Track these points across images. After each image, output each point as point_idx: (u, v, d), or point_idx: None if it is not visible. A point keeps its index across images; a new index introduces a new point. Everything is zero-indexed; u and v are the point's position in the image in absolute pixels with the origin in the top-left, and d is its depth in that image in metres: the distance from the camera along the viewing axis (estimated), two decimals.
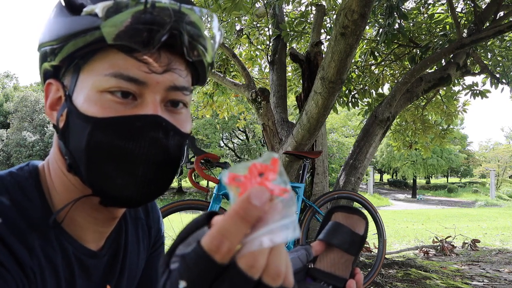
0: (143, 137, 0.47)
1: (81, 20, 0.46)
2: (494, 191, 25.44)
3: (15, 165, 13.12)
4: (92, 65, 0.48)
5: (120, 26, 0.44)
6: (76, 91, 0.49)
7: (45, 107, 0.54)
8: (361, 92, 4.64)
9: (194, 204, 2.41)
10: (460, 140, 32.50)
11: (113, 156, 0.47)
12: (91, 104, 0.47)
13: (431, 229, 7.14)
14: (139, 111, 0.48)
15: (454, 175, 45.15)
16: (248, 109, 10.80)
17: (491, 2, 3.66)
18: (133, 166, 0.48)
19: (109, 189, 0.49)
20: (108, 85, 0.47)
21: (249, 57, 4.92)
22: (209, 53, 0.52)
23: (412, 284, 3.07)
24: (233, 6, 2.77)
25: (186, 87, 0.52)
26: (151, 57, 0.47)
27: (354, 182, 3.52)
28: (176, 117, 0.52)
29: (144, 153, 0.48)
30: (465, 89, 4.73)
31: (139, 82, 0.47)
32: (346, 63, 2.22)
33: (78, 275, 0.55)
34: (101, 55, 0.48)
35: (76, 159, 0.49)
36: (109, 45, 0.46)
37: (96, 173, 0.48)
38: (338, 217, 0.56)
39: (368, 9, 2.01)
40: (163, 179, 0.51)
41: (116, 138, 0.47)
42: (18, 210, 0.49)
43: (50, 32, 0.50)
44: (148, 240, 0.70)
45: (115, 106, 0.47)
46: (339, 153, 25.40)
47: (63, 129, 0.51)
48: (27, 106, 25.36)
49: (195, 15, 0.48)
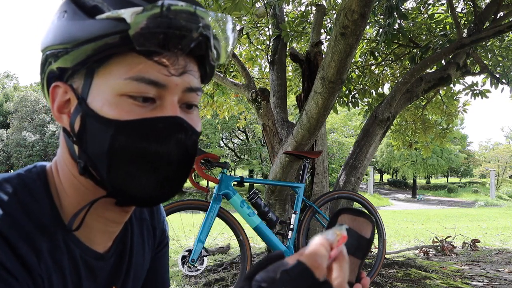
0: (167, 138, 0.49)
1: (101, 24, 0.46)
2: (494, 191, 25.44)
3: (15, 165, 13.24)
4: (109, 69, 0.48)
5: (136, 29, 0.45)
6: (92, 95, 0.49)
7: (53, 110, 0.54)
8: (361, 92, 4.64)
9: (194, 204, 2.41)
10: (460, 140, 32.49)
11: (137, 158, 0.48)
12: (112, 108, 0.48)
13: (431, 229, 7.14)
14: (159, 113, 0.49)
15: (454, 175, 45.15)
16: (248, 109, 10.80)
17: (491, 2, 3.66)
18: (157, 167, 0.49)
19: (132, 189, 0.50)
20: (128, 88, 0.47)
21: (249, 57, 4.92)
22: (222, 55, 0.53)
23: (412, 284, 3.07)
24: (233, 6, 2.77)
25: (199, 88, 0.53)
26: (169, 60, 0.48)
27: (354, 182, 3.52)
28: (190, 117, 0.53)
29: (168, 153, 0.49)
30: (465, 89, 4.73)
31: (159, 85, 0.48)
32: (346, 63, 2.22)
33: (84, 277, 0.55)
34: (118, 58, 0.48)
35: (96, 162, 0.50)
36: (128, 49, 0.46)
37: (120, 174, 0.49)
38: (345, 219, 0.55)
39: (368, 9, 2.01)
40: (182, 177, 0.53)
41: (139, 140, 0.48)
42: (26, 212, 0.49)
43: (61, 35, 0.49)
44: (153, 240, 0.71)
45: (136, 109, 0.48)
46: (339, 153, 25.39)
47: (79, 133, 0.50)
48: (27, 106, 25.36)
49: (209, 17, 0.49)
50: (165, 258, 0.75)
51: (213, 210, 2.35)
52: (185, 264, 2.30)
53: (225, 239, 5.07)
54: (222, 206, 2.40)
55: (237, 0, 2.75)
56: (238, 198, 2.42)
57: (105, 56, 0.48)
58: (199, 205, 2.39)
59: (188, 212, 2.58)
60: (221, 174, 2.42)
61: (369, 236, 0.54)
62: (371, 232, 0.55)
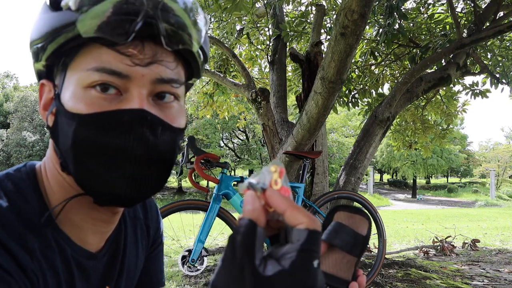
0: (128, 132, 0.46)
1: (60, 16, 0.45)
2: (494, 191, 25.44)
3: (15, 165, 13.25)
4: (78, 62, 0.47)
5: (102, 17, 0.43)
6: (64, 89, 0.49)
7: (39, 107, 0.54)
8: (361, 92, 4.64)
9: (194, 204, 2.41)
10: (460, 140, 32.49)
11: (99, 153, 0.46)
12: (77, 101, 0.47)
13: (431, 229, 7.14)
14: (124, 106, 0.46)
15: (454, 175, 45.15)
16: (248, 109, 10.80)
17: (491, 2, 3.66)
18: (120, 163, 0.46)
19: (99, 187, 0.48)
20: (91, 80, 0.46)
21: (249, 57, 4.92)
22: (194, 40, 0.49)
23: (412, 284, 3.07)
24: (234, 6, 2.77)
25: (175, 79, 0.50)
26: (134, 49, 0.46)
27: (354, 182, 3.52)
28: (166, 112, 0.50)
29: (130, 149, 0.46)
30: (465, 89, 4.73)
31: (122, 76, 0.46)
32: (346, 63, 2.22)
33: (77, 277, 0.54)
34: (85, 51, 0.46)
35: (65, 157, 0.49)
36: (91, 40, 0.45)
37: (84, 171, 0.47)
38: (341, 217, 0.55)
39: (368, 9, 2.01)
40: (156, 176, 0.49)
41: (100, 134, 0.46)
42: (16, 213, 0.48)
43: (36, 30, 0.49)
44: (146, 240, 0.70)
45: (100, 102, 0.46)
46: (339, 153, 25.39)
47: (53, 128, 0.51)
48: (27, 106, 25.36)
49: (175, 4, 0.47)
50: (159, 257, 0.75)
51: (213, 210, 2.35)
52: (185, 264, 2.30)
53: (225, 239, 5.07)
54: (222, 206, 2.40)
55: (237, 0, 2.75)
56: (238, 198, 2.42)
57: (73, 48, 0.46)
58: (199, 205, 2.39)
59: (188, 212, 2.58)
60: (221, 174, 2.42)
61: (365, 234, 0.53)
62: (367, 229, 0.54)
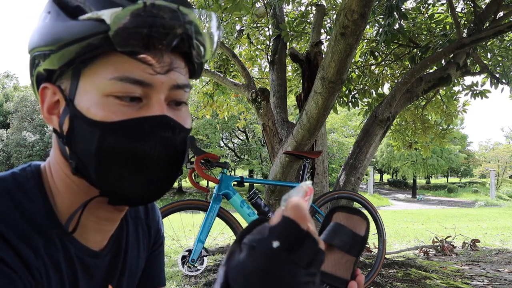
0: (154, 138, 0.49)
1: (83, 25, 0.46)
2: (494, 191, 25.44)
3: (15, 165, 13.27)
4: (94, 69, 0.48)
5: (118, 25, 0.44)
6: (79, 95, 0.49)
7: (42, 111, 0.54)
8: (361, 92, 4.64)
9: (194, 204, 2.41)
10: (460, 140, 32.49)
11: (125, 159, 0.48)
12: (98, 109, 0.48)
13: (431, 229, 7.14)
14: (146, 113, 0.49)
15: (454, 175, 45.15)
16: (248, 109, 10.80)
17: (491, 2, 3.66)
18: (146, 166, 0.49)
19: (121, 190, 0.50)
20: (114, 89, 0.47)
21: (249, 57, 4.92)
22: (207, 51, 0.53)
23: (412, 284, 3.07)
24: (234, 6, 2.77)
25: (187, 84, 0.53)
26: (154, 58, 0.48)
27: (354, 182, 3.52)
28: (178, 114, 0.53)
29: (156, 153, 0.49)
30: (465, 89, 4.73)
31: (145, 84, 0.48)
32: (346, 63, 2.22)
33: (80, 275, 0.55)
34: (103, 59, 0.48)
35: (85, 162, 0.50)
36: (112, 49, 0.46)
37: (109, 175, 0.49)
38: (339, 217, 0.55)
39: (368, 9, 2.01)
40: (172, 176, 0.53)
41: (127, 141, 0.48)
42: (20, 212, 0.49)
43: (46, 36, 0.49)
44: (147, 240, 0.71)
45: (122, 109, 0.48)
46: (339, 153, 25.39)
47: (69, 134, 0.51)
48: (27, 106, 25.36)
49: (193, 14, 0.49)
50: (161, 257, 0.75)
51: (213, 210, 2.35)
52: (185, 264, 2.30)
53: (225, 239, 5.07)
54: (222, 206, 2.40)
55: (237, 0, 2.75)
56: (238, 198, 2.42)
57: (89, 57, 0.47)
58: (199, 205, 2.39)
59: (188, 212, 2.58)
60: (221, 174, 2.42)
61: (363, 234, 0.54)
62: (365, 230, 0.55)
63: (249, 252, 0.33)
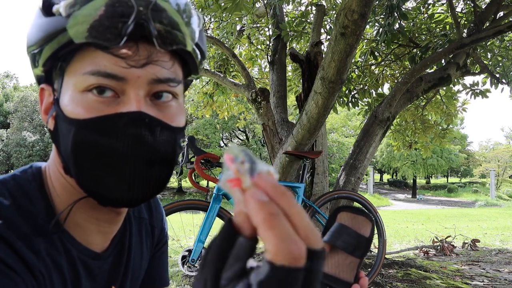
0: (126, 135, 0.46)
1: (52, 21, 0.45)
2: (494, 191, 25.43)
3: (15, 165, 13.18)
4: (74, 66, 0.47)
5: (94, 17, 0.43)
6: (62, 94, 0.49)
7: (41, 112, 0.54)
8: (361, 92, 4.64)
9: (194, 204, 2.41)
10: (460, 140, 32.50)
11: (99, 157, 0.46)
12: (75, 106, 0.47)
13: (431, 229, 7.14)
14: (121, 109, 0.46)
15: (454, 175, 45.14)
16: (248, 109, 10.79)
17: (491, 2, 3.66)
18: (120, 166, 0.47)
19: (100, 190, 0.48)
20: (87, 83, 0.46)
21: (249, 57, 4.92)
22: (188, 39, 0.49)
23: (412, 284, 3.07)
24: (234, 6, 2.77)
25: (172, 78, 0.49)
26: (129, 51, 0.45)
27: (354, 182, 3.52)
28: (165, 111, 0.50)
29: (129, 151, 0.46)
30: (465, 89, 4.73)
31: (118, 78, 0.46)
32: (346, 63, 2.22)
33: (83, 277, 0.54)
34: (80, 55, 0.46)
35: (66, 161, 0.49)
36: (85, 44, 0.44)
37: (85, 174, 0.48)
38: (343, 218, 0.55)
39: (368, 9, 2.01)
40: (157, 177, 0.49)
41: (99, 138, 0.46)
42: (22, 214, 0.49)
43: (31, 35, 0.49)
44: (151, 240, 0.70)
45: (98, 106, 0.46)
46: (339, 153, 25.38)
47: (54, 133, 0.51)
48: (27, 106, 25.35)
49: (167, 4, 0.46)
50: (164, 257, 0.75)
51: (213, 210, 2.35)
52: (185, 264, 2.30)
53: None
54: (222, 206, 2.40)
55: (237, 0, 2.75)
56: None
57: (68, 53, 0.46)
58: (199, 205, 2.39)
59: (188, 212, 2.57)
60: (221, 174, 2.42)
61: (368, 235, 0.53)
62: (370, 231, 0.54)
63: None
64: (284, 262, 0.24)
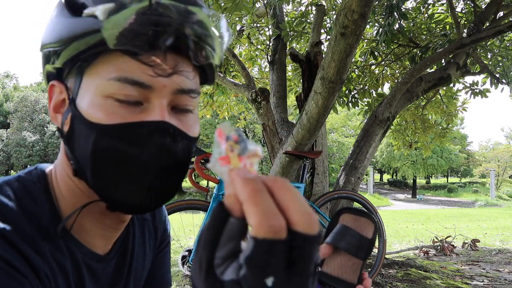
0: (150, 144, 0.46)
1: (82, 22, 0.45)
2: (494, 191, 25.43)
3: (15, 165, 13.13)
4: (96, 68, 0.46)
5: (123, 25, 0.42)
6: (80, 95, 0.48)
7: (49, 109, 0.53)
8: (361, 92, 4.64)
9: (194, 204, 2.41)
10: (460, 140, 32.52)
11: (119, 164, 0.46)
12: (96, 110, 0.46)
13: (431, 229, 7.14)
14: (145, 117, 0.46)
15: (454, 175, 45.15)
16: (248, 109, 10.79)
17: (491, 2, 3.66)
18: (140, 173, 0.47)
19: (116, 195, 0.48)
20: (112, 90, 0.45)
21: (249, 57, 4.92)
22: (217, 54, 0.49)
23: (412, 284, 3.07)
24: (234, 6, 2.77)
25: (194, 90, 0.49)
26: (157, 59, 0.45)
27: (354, 182, 3.52)
28: (183, 121, 0.50)
29: (151, 160, 0.46)
30: (465, 88, 4.73)
31: (144, 86, 0.45)
32: (346, 63, 2.22)
33: (87, 279, 0.54)
34: (104, 58, 0.46)
35: (82, 165, 0.49)
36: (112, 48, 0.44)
37: (102, 180, 0.47)
38: (346, 219, 0.55)
39: (368, 9, 2.01)
40: (172, 185, 0.50)
41: (122, 145, 0.45)
42: (27, 216, 0.48)
43: (51, 33, 0.49)
44: (154, 241, 0.70)
45: (121, 112, 0.46)
46: (339, 153, 25.39)
47: (68, 134, 0.50)
48: (27, 106, 25.37)
49: (203, 14, 0.46)
50: (166, 258, 0.75)
51: None
52: (185, 264, 2.30)
53: None
54: None
55: (237, 0, 2.75)
56: None
57: (92, 55, 0.46)
58: (199, 205, 2.39)
59: (188, 212, 2.57)
60: None
61: (371, 237, 0.53)
62: (373, 232, 0.54)
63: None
64: (265, 235, 0.26)
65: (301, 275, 0.27)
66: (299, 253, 0.27)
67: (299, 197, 0.28)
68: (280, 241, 0.26)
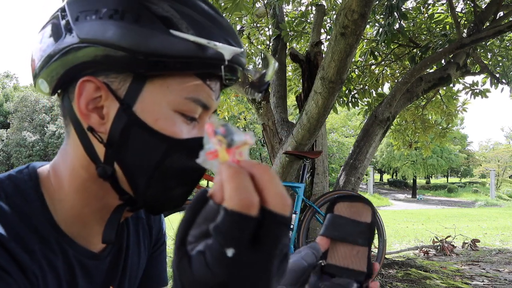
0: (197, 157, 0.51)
1: (187, 44, 0.46)
2: (494, 191, 25.43)
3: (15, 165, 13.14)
4: (166, 82, 0.48)
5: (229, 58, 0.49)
6: (142, 103, 0.48)
7: (78, 105, 0.49)
8: (361, 92, 4.64)
9: None
10: (460, 140, 32.52)
11: (179, 173, 0.51)
12: (168, 124, 0.49)
13: (431, 229, 7.14)
14: (199, 133, 0.53)
15: (454, 175, 45.16)
16: (248, 109, 10.79)
17: (491, 2, 3.66)
18: (191, 180, 0.53)
19: (159, 201, 0.52)
20: (186, 107, 0.50)
21: (249, 57, 4.91)
22: None
23: (412, 284, 3.07)
24: (234, 6, 2.77)
25: None
26: (215, 86, 0.52)
27: (354, 182, 3.52)
28: None
29: (196, 171, 0.53)
30: (465, 88, 4.73)
31: (206, 107, 0.52)
32: (346, 63, 2.22)
33: (80, 277, 0.54)
34: (178, 76, 0.48)
35: (134, 172, 0.50)
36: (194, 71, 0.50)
37: (158, 187, 0.51)
38: (340, 208, 0.53)
39: (368, 9, 2.01)
40: None
41: (186, 158, 0.50)
42: (17, 214, 0.48)
43: (124, 37, 0.45)
44: (149, 240, 0.70)
45: (184, 127, 0.50)
46: (339, 153, 25.39)
47: (121, 140, 0.48)
48: (27, 106, 25.37)
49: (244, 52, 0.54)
50: (162, 257, 0.75)
51: None
52: None
53: None
54: None
55: (237, 0, 2.75)
56: None
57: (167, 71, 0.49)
58: None
59: None
60: None
61: (370, 220, 0.52)
62: (371, 215, 0.52)
63: (202, 262, 0.28)
64: (235, 207, 0.28)
65: (264, 254, 0.28)
66: (266, 231, 0.29)
67: (277, 181, 0.31)
68: (249, 216, 0.28)
